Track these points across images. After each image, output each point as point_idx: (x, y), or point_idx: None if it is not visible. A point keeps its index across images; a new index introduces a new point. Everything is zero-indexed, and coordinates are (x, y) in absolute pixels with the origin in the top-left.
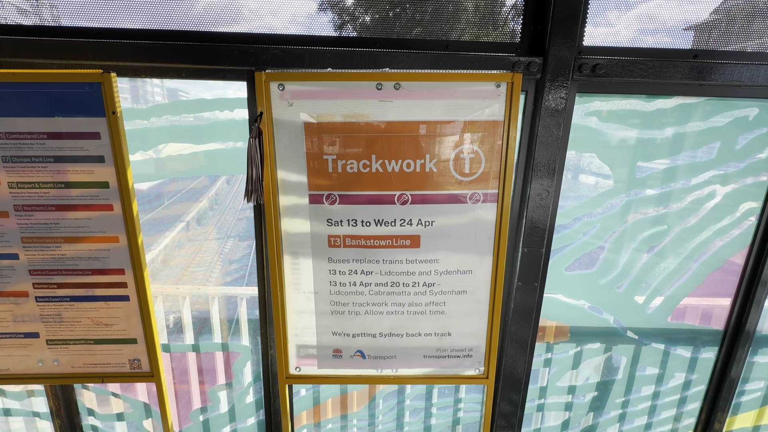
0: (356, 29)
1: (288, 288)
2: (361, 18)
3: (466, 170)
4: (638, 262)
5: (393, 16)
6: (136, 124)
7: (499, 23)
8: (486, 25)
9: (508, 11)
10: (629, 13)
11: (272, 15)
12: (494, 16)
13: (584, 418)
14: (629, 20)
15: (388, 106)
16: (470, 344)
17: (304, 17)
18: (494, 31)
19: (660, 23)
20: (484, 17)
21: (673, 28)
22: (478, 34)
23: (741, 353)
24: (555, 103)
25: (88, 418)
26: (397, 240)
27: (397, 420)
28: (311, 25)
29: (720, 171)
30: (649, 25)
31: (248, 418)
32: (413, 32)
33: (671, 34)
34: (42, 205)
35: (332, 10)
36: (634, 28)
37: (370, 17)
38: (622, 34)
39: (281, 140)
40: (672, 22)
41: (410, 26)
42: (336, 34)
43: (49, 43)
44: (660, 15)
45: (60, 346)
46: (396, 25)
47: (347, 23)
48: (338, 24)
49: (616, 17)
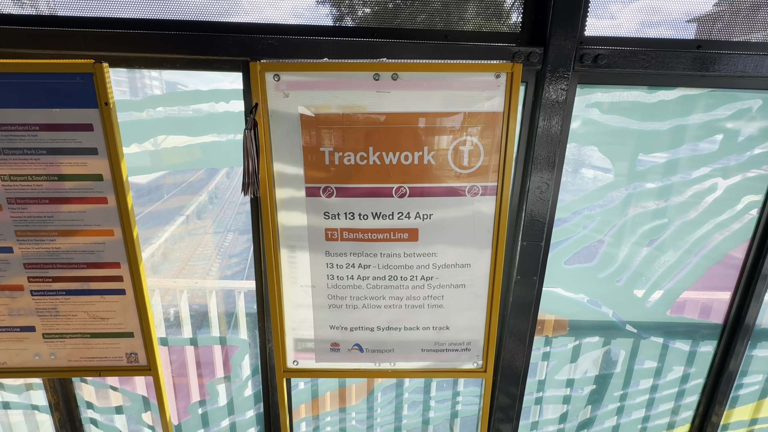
0: (353, 19)
1: (285, 282)
2: (358, 7)
3: (465, 163)
4: (638, 256)
5: (392, 5)
6: (130, 115)
7: (499, 13)
8: (486, 14)
9: (508, 0)
10: (631, 3)
11: (268, 4)
12: (494, 6)
13: (582, 411)
14: (631, 10)
15: (385, 97)
16: (468, 338)
17: (301, 6)
18: (494, 21)
19: (663, 13)
20: (483, 6)
21: (676, 17)
22: (477, 23)
23: (740, 347)
24: (556, 95)
25: (87, 411)
26: (395, 233)
27: (396, 413)
28: (307, 15)
29: (721, 164)
30: (651, 14)
31: (247, 411)
32: (412, 22)
33: (674, 24)
34: (35, 198)
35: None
36: (636, 17)
37: (368, 7)
38: (624, 23)
39: (277, 132)
40: (675, 11)
41: (408, 16)
42: (333, 24)
43: (39, 33)
44: (663, 4)
45: (56, 340)
46: (394, 14)
47: (344, 13)
48: (335, 13)
49: (618, 7)
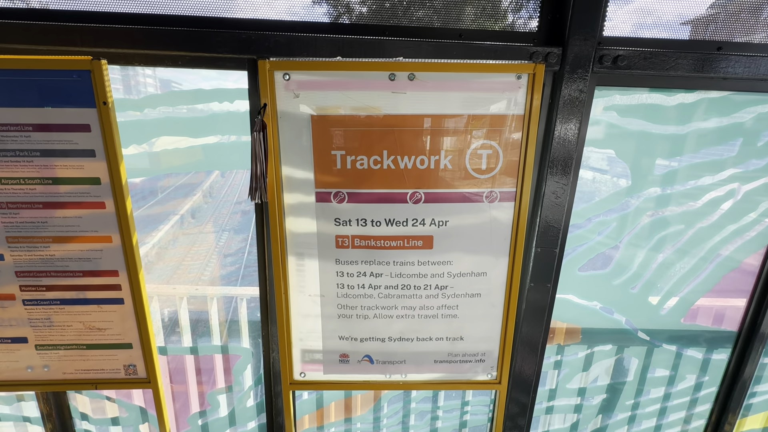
0: (363, 17)
1: (293, 290)
2: (369, 5)
3: (483, 167)
4: (654, 263)
5: (405, 3)
6: (129, 115)
7: (515, 12)
8: (501, 13)
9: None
10: (650, 3)
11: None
12: (510, 4)
13: (593, 420)
14: (650, 10)
15: (401, 98)
16: (483, 348)
17: (309, 3)
18: (510, 20)
19: (682, 14)
20: (499, 5)
21: (695, 19)
22: (493, 22)
23: (755, 355)
24: (574, 97)
25: (81, 423)
26: (409, 241)
27: (403, 423)
28: (316, 12)
29: (740, 169)
30: (670, 15)
31: (249, 422)
32: (424, 20)
33: (694, 25)
34: (28, 203)
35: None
36: (655, 18)
37: (379, 4)
38: (643, 24)
39: (286, 134)
40: (695, 13)
41: (421, 14)
42: (342, 21)
43: (34, 28)
44: (682, 5)
45: (50, 352)
46: (406, 12)
47: (354, 10)
48: (345, 11)
49: (637, 7)
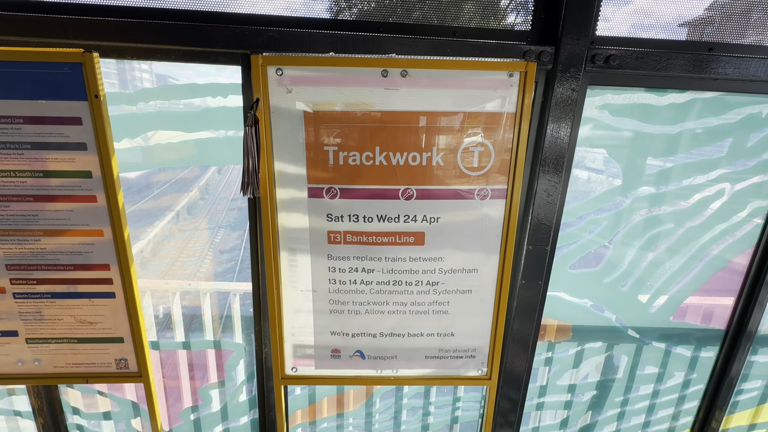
0: (358, 13)
1: (284, 286)
2: (363, 1)
3: (475, 164)
4: (644, 261)
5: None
6: (121, 109)
7: (508, 10)
8: (495, 11)
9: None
10: (643, 3)
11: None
12: (504, 2)
13: (583, 416)
14: (643, 10)
15: (393, 94)
16: (474, 344)
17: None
18: (503, 18)
19: (674, 15)
20: (493, 3)
21: (687, 19)
22: (486, 20)
23: (742, 353)
24: (566, 96)
25: (73, 417)
26: (401, 237)
27: (395, 419)
28: (311, 8)
29: (729, 169)
30: (663, 16)
31: (241, 417)
32: (418, 17)
33: (686, 26)
34: (19, 195)
35: None
36: (647, 18)
37: (374, 1)
38: (636, 24)
39: (279, 129)
40: (687, 14)
41: (415, 11)
42: (336, 18)
43: (24, 19)
44: (674, 6)
45: (41, 345)
46: (401, 9)
47: (349, 6)
48: (339, 7)
49: (630, 7)
